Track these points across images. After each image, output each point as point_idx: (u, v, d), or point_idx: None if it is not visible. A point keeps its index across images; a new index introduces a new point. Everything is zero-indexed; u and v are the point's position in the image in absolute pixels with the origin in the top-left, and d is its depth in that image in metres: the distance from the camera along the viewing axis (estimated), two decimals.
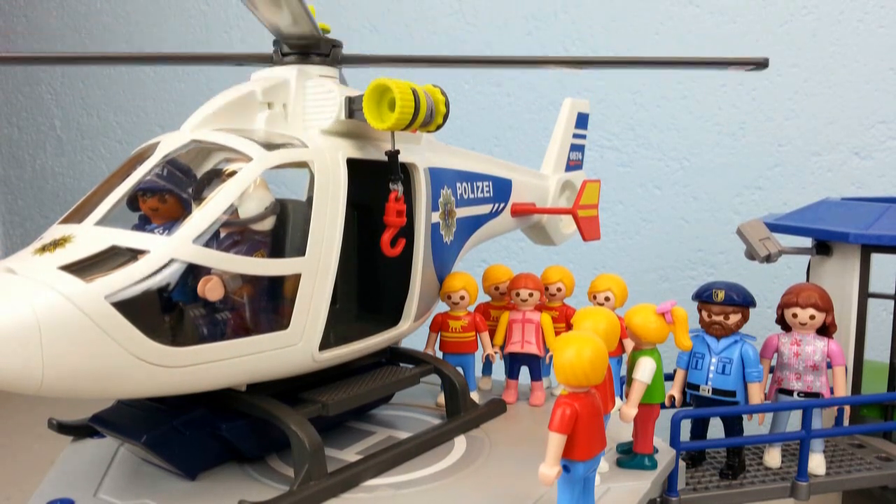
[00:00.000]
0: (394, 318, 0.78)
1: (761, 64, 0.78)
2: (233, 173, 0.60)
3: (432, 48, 1.74)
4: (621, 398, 0.78)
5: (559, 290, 0.90)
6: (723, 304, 0.75)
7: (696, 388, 0.77)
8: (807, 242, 0.96)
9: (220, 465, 0.68)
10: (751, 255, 0.93)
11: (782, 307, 0.79)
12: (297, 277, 0.62)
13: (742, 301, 0.75)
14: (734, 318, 0.76)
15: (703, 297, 0.77)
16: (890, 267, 0.98)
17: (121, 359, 0.51)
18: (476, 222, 0.93)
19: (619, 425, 0.71)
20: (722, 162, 1.51)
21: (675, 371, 0.79)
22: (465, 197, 0.89)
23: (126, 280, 0.52)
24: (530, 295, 0.85)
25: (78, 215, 0.58)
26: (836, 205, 0.98)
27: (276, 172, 0.62)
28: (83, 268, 0.51)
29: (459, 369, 0.82)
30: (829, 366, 0.77)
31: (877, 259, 0.89)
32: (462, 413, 0.79)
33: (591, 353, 0.50)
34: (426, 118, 0.67)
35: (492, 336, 0.87)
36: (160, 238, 0.55)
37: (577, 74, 1.59)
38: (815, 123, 1.43)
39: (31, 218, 2.59)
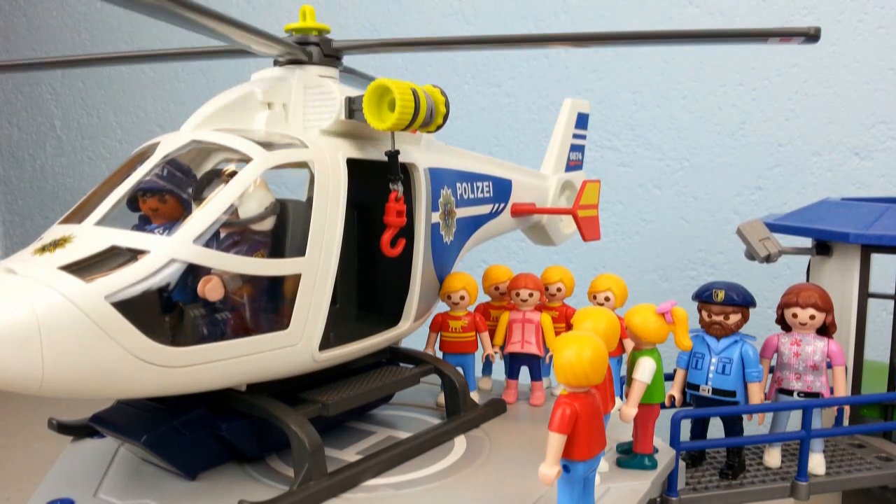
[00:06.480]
0: (394, 318, 0.78)
1: (812, 36, 0.63)
2: (233, 173, 0.60)
3: None
4: (621, 398, 0.78)
5: (559, 290, 0.90)
6: (723, 304, 0.76)
7: (696, 388, 0.77)
8: (807, 242, 0.96)
9: (220, 465, 0.68)
10: (751, 255, 0.93)
11: (782, 307, 0.79)
12: (297, 277, 0.62)
13: (742, 301, 0.75)
14: (734, 318, 0.76)
15: (703, 297, 0.77)
16: (890, 267, 0.98)
17: (121, 359, 0.51)
18: (476, 222, 0.93)
19: (619, 425, 0.71)
20: (722, 162, 1.51)
21: (675, 371, 0.79)
22: (465, 197, 0.89)
23: (126, 280, 0.51)
24: (530, 295, 0.85)
25: (78, 215, 0.58)
26: (836, 205, 0.98)
27: (276, 172, 0.62)
28: (83, 268, 0.51)
29: (459, 369, 0.82)
30: (829, 366, 0.77)
31: (877, 259, 0.89)
32: (462, 413, 0.79)
33: (591, 353, 0.50)
34: (426, 118, 0.67)
35: (492, 336, 0.87)
36: (160, 238, 0.55)
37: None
38: (815, 123, 1.43)
39: (31, 218, 2.59)
